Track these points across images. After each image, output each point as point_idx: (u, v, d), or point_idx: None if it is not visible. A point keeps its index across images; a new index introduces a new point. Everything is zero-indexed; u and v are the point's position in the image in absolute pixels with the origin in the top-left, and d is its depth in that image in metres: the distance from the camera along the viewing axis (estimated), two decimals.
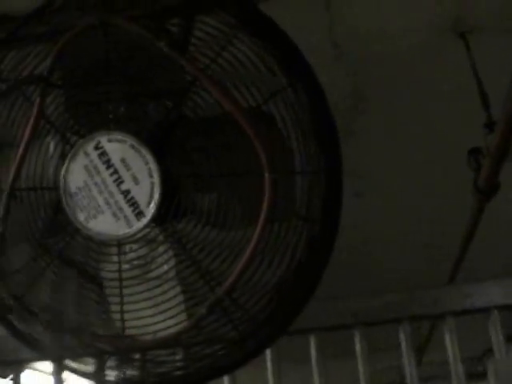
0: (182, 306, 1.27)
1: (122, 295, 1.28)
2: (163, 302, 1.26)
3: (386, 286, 2.00)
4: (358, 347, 1.53)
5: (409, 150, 2.51)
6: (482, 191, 1.99)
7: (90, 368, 1.41)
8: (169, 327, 1.26)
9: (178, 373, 1.36)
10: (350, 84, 2.10)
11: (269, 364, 1.59)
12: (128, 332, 1.29)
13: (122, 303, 1.28)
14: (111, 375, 1.40)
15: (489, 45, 1.94)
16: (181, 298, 1.27)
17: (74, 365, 1.42)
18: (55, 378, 1.65)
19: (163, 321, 1.26)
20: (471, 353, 3.95)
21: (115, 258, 1.28)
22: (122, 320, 1.28)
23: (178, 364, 1.36)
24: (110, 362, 1.39)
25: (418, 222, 3.07)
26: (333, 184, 1.26)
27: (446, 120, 2.32)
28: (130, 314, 1.28)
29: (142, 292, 1.27)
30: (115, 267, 1.28)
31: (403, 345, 1.53)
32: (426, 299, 1.54)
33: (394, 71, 2.06)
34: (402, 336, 1.53)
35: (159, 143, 1.25)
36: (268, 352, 1.59)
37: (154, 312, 1.26)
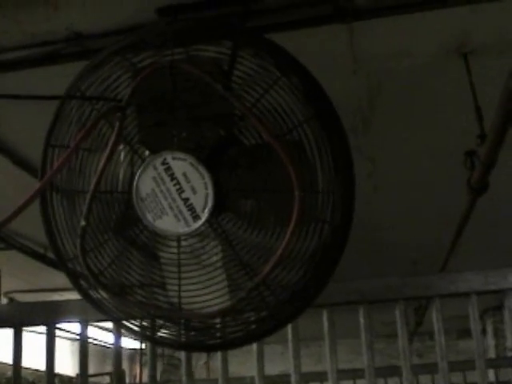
0: (226, 289, 1.63)
1: (180, 278, 1.64)
2: (211, 285, 1.62)
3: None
4: (361, 321, 1.90)
5: (411, 143, 2.85)
6: (474, 188, 2.33)
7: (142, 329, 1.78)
8: (214, 304, 1.62)
9: (217, 341, 1.73)
10: (364, 91, 2.42)
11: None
12: (182, 305, 1.66)
13: (179, 284, 1.64)
14: (161, 337, 1.78)
15: (486, 66, 2.24)
16: (225, 283, 1.63)
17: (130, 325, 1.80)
18: (115, 334, 2.05)
19: (210, 299, 1.62)
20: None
21: (175, 250, 1.64)
22: (179, 296, 1.65)
23: (217, 333, 1.73)
24: (161, 326, 1.76)
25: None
26: (347, 197, 1.60)
27: (446, 126, 2.64)
28: (185, 292, 1.64)
29: (195, 276, 1.63)
30: (175, 256, 1.64)
31: (398, 320, 1.88)
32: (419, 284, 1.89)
33: (405, 83, 2.37)
34: (397, 313, 1.89)
35: (213, 162, 1.60)
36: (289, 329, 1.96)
37: (204, 292, 1.62)
